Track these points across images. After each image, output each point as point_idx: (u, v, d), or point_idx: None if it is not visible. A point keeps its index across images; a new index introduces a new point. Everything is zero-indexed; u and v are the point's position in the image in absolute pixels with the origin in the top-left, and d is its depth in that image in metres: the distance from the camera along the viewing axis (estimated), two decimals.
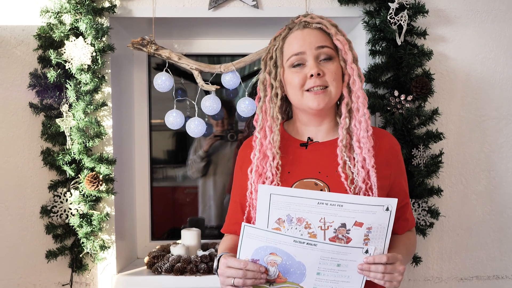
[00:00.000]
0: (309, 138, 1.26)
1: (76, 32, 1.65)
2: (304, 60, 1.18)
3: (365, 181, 1.15)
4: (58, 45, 1.66)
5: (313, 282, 1.07)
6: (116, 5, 1.68)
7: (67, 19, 1.66)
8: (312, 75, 1.16)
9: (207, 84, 1.77)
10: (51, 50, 1.63)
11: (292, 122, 1.32)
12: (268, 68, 1.24)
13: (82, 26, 1.62)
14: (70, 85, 1.64)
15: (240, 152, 1.36)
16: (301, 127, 1.28)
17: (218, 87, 1.78)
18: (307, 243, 1.04)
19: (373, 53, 1.71)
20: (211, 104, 1.78)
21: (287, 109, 1.35)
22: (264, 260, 1.07)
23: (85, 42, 1.62)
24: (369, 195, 1.14)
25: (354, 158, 1.17)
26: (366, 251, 1.05)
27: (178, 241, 1.94)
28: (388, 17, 1.65)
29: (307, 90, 1.17)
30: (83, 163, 1.67)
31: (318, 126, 1.26)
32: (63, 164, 1.67)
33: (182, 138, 2.18)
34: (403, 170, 1.29)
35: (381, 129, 1.30)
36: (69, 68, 1.63)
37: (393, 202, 1.05)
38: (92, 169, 1.67)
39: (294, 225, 1.08)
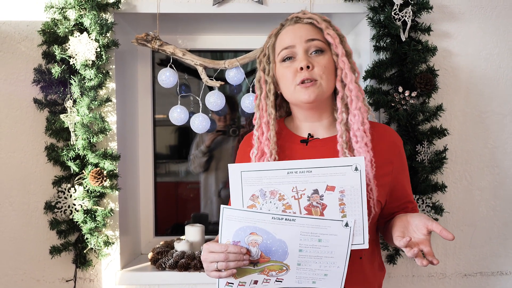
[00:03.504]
0: (309, 134, 1.25)
1: (80, 27, 1.65)
2: (294, 54, 1.18)
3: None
4: (62, 40, 1.66)
5: (296, 259, 1.06)
6: (120, 0, 1.68)
7: (72, 14, 1.66)
8: (302, 68, 1.15)
9: (212, 80, 1.77)
10: (56, 46, 1.63)
11: (292, 119, 1.31)
12: (262, 65, 1.25)
13: (87, 22, 1.62)
14: (75, 81, 1.63)
15: (241, 147, 1.36)
16: (300, 124, 1.28)
17: (223, 83, 1.78)
18: (286, 219, 1.03)
19: (377, 49, 1.71)
20: (215, 100, 1.78)
21: (282, 104, 1.34)
22: (245, 241, 1.06)
23: (90, 37, 1.62)
24: (369, 195, 1.13)
25: None
26: (346, 224, 1.04)
27: (182, 237, 1.95)
28: (393, 13, 1.65)
29: (299, 84, 1.16)
30: (87, 159, 1.67)
31: (317, 122, 1.25)
32: (67, 160, 1.67)
33: (184, 133, 2.18)
34: (405, 167, 1.27)
35: (384, 124, 1.29)
36: (74, 64, 1.63)
37: (360, 161, 1.04)
38: (96, 165, 1.67)
39: (268, 199, 1.07)
